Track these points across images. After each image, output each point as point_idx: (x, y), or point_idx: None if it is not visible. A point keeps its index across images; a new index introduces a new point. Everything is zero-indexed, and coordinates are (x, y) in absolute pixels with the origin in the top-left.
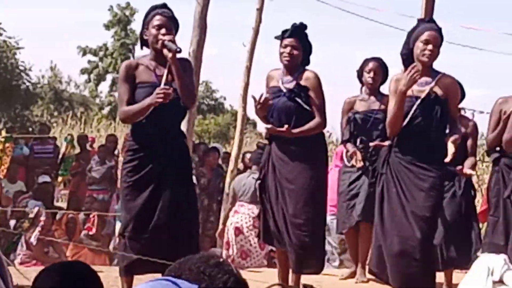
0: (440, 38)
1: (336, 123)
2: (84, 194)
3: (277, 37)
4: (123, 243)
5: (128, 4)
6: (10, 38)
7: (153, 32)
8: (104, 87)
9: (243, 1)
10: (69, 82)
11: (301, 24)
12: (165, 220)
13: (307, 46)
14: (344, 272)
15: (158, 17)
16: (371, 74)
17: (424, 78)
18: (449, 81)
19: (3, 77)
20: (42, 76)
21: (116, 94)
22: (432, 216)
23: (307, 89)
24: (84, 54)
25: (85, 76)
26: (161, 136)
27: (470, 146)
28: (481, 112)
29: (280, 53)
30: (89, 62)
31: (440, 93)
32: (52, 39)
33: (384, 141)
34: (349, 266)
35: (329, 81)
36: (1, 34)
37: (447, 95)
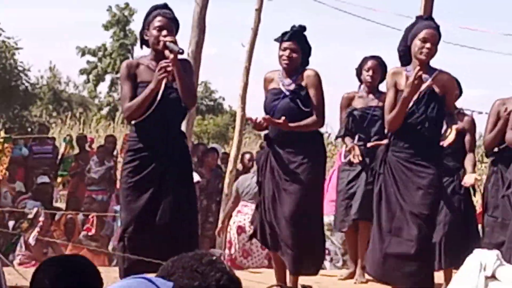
0: (438, 36)
1: (335, 123)
2: (83, 194)
3: (276, 40)
4: (122, 245)
5: (127, 4)
6: (9, 38)
7: (154, 33)
8: (103, 87)
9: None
10: (68, 83)
11: (300, 27)
12: (166, 221)
13: (306, 48)
14: (343, 273)
15: (159, 18)
16: (370, 72)
17: None
18: (446, 77)
19: (2, 78)
20: (41, 77)
21: (115, 94)
22: (430, 214)
23: (307, 88)
24: (83, 54)
25: (84, 77)
26: (162, 137)
27: (468, 142)
28: (480, 113)
29: (279, 56)
30: (88, 62)
31: (437, 90)
32: (51, 39)
33: (382, 139)
34: (352, 267)
35: (328, 81)
36: (0, 35)
37: (444, 92)
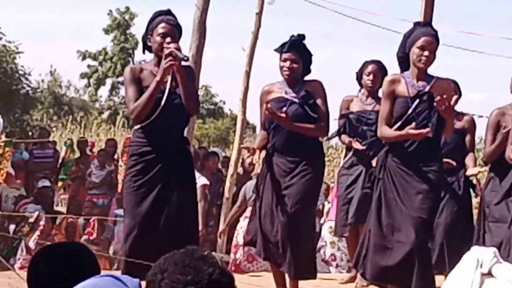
0: (436, 43)
1: (334, 127)
2: (84, 198)
3: (276, 50)
4: (125, 250)
5: (127, 8)
6: (9, 42)
7: (158, 39)
8: (103, 91)
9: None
10: (68, 87)
11: (299, 36)
12: (169, 225)
13: (306, 57)
14: (344, 277)
15: (163, 25)
16: (371, 76)
17: (419, 83)
18: (444, 83)
19: (2, 82)
20: (42, 81)
21: (115, 98)
22: (429, 218)
23: (315, 97)
24: (83, 58)
25: (85, 81)
26: (166, 141)
27: (468, 142)
28: (480, 116)
29: (280, 67)
30: (88, 66)
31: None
32: (51, 43)
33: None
34: (353, 271)
35: (328, 85)
36: (1, 39)
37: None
